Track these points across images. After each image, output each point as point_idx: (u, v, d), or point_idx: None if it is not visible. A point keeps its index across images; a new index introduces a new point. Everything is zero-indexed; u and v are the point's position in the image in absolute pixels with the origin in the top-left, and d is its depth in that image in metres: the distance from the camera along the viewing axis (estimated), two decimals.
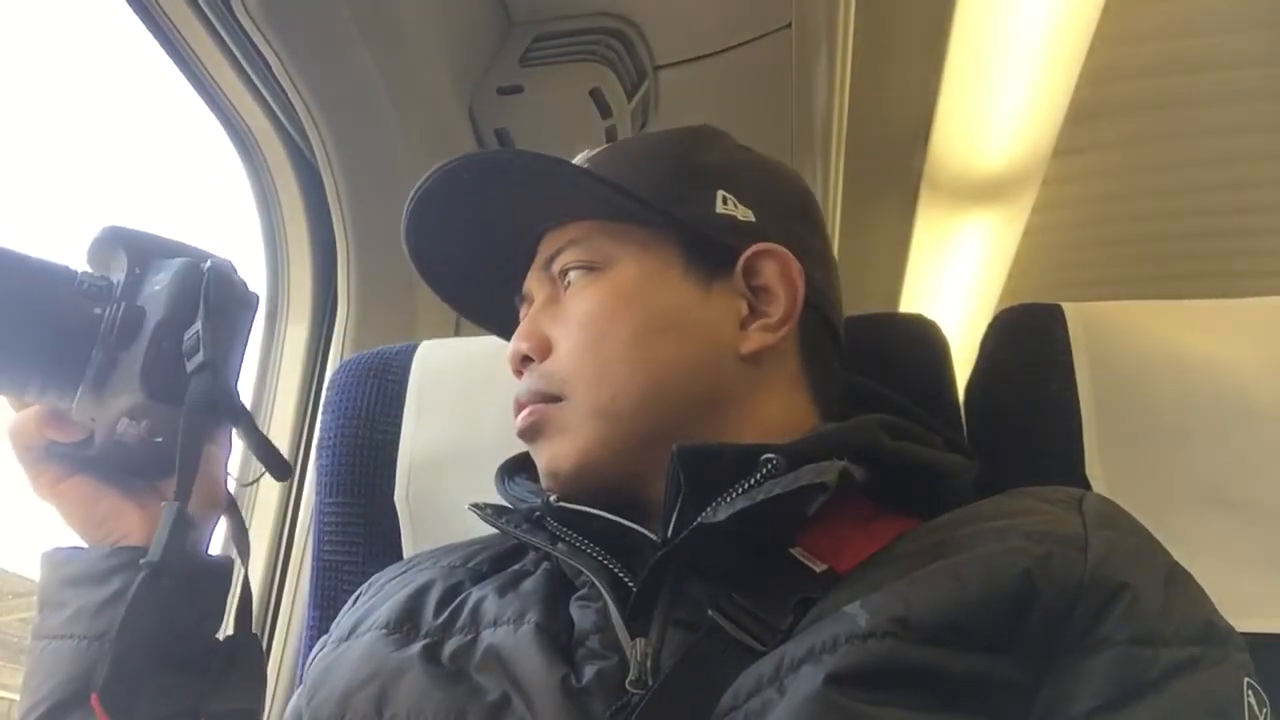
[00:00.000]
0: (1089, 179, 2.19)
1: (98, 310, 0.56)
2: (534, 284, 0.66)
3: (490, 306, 0.72)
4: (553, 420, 0.61)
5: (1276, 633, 0.65)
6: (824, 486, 0.52)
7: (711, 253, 0.63)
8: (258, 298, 0.62)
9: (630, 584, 0.55)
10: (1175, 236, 2.44)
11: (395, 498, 0.83)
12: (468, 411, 0.83)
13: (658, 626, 0.53)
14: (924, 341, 0.79)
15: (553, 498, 0.62)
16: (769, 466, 0.54)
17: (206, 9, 1.03)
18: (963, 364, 0.79)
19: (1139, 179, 2.21)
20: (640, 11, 1.28)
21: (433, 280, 0.70)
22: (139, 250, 0.59)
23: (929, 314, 0.81)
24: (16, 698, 0.59)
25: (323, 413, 0.87)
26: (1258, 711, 0.47)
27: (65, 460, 0.60)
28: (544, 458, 0.61)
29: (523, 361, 0.63)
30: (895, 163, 1.83)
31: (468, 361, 0.85)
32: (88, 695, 0.57)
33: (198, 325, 0.58)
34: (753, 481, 0.54)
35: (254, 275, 1.26)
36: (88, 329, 0.56)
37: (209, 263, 0.59)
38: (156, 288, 0.59)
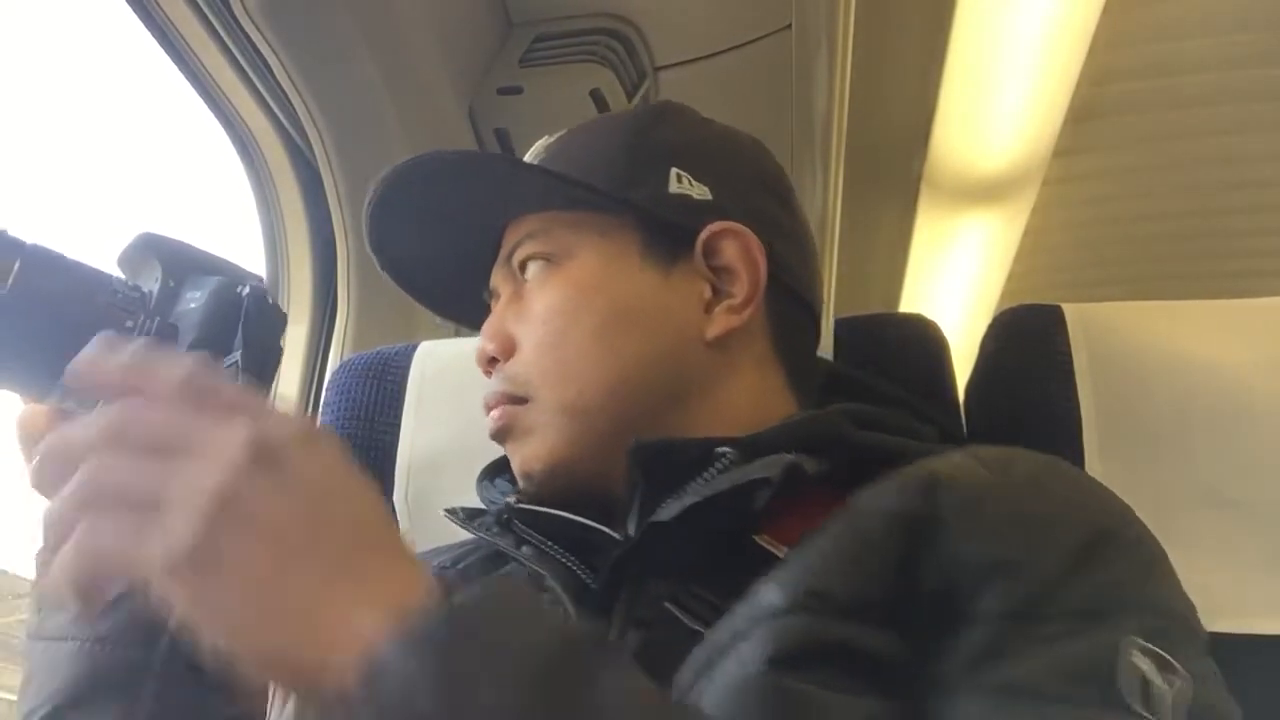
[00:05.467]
0: (1089, 179, 2.19)
1: (129, 323, 0.54)
2: (499, 279, 0.65)
3: (469, 305, 0.71)
4: (521, 421, 0.60)
5: (1276, 634, 0.65)
6: (768, 482, 0.51)
7: (669, 235, 0.61)
8: (286, 317, 0.61)
9: (592, 585, 0.55)
10: (1175, 236, 2.44)
11: (394, 498, 0.83)
12: (467, 412, 0.83)
13: (616, 627, 0.52)
14: (924, 341, 0.79)
15: (511, 499, 0.62)
16: (723, 460, 0.54)
17: (206, 9, 1.03)
18: (963, 364, 0.78)
19: (1139, 179, 2.21)
20: (640, 12, 1.28)
21: (409, 286, 0.70)
22: (175, 262, 0.58)
23: (929, 314, 0.81)
24: (16, 698, 0.59)
25: (322, 413, 0.87)
26: (1154, 678, 0.42)
27: None
28: (516, 459, 0.61)
29: (490, 362, 0.62)
30: (895, 163, 1.83)
31: (467, 362, 0.84)
32: (90, 698, 0.56)
33: (236, 355, 0.57)
34: (708, 476, 0.53)
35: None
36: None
37: (247, 288, 0.58)
38: (191, 305, 0.58)
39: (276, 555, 0.35)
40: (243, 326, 0.57)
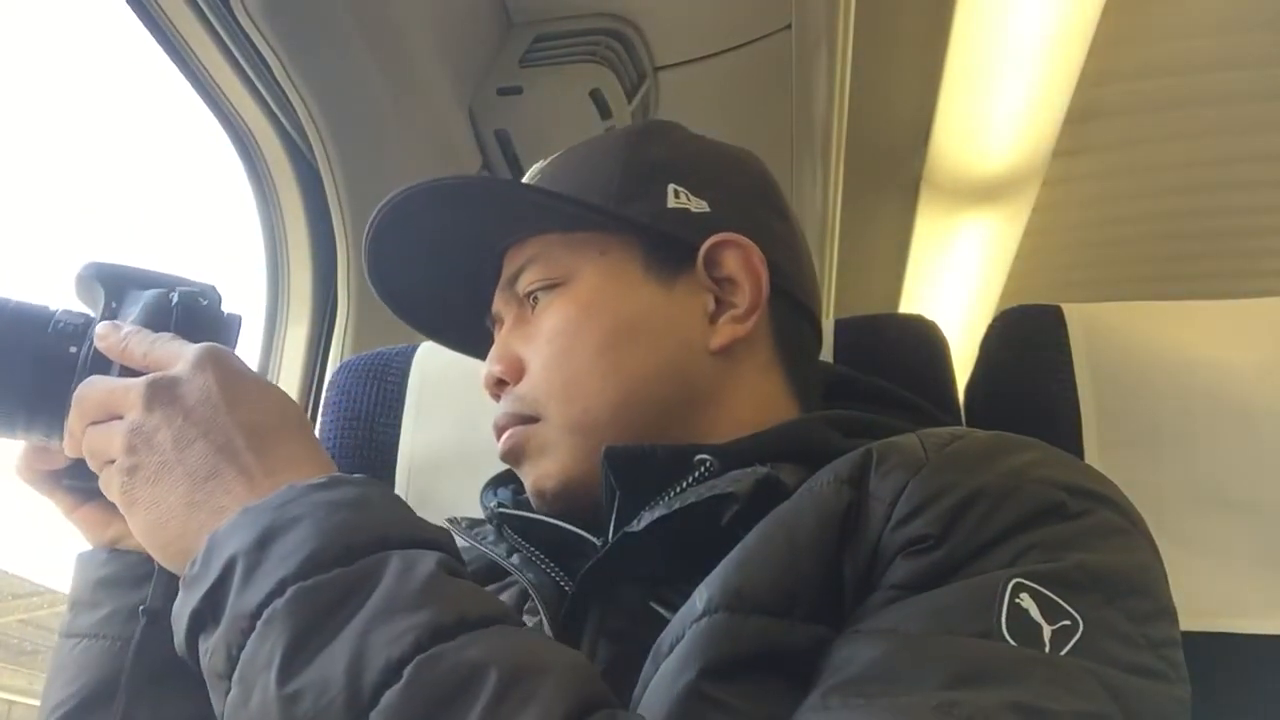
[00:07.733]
0: (1089, 180, 2.20)
1: (73, 349, 0.56)
2: (501, 305, 0.65)
3: (466, 331, 0.71)
4: (531, 441, 0.60)
5: (1276, 633, 0.65)
6: (734, 497, 0.51)
7: (669, 249, 0.62)
8: (239, 318, 0.61)
9: (570, 591, 0.55)
10: (1175, 237, 2.44)
11: None
12: (467, 413, 0.83)
13: (589, 639, 0.52)
14: (924, 342, 0.79)
15: (493, 504, 0.62)
16: (703, 468, 0.53)
17: (206, 9, 1.03)
18: (963, 364, 0.79)
19: (1139, 179, 2.22)
20: (640, 12, 1.28)
21: (406, 314, 0.70)
22: (115, 284, 0.59)
23: (929, 314, 0.81)
24: (16, 698, 0.59)
25: (322, 414, 0.87)
26: (1037, 618, 0.41)
27: (73, 490, 0.60)
28: (529, 479, 0.61)
29: (497, 385, 0.63)
30: (895, 163, 1.84)
31: (467, 363, 0.85)
32: (114, 695, 0.56)
33: None
34: (685, 484, 0.53)
35: (254, 276, 1.26)
36: (65, 368, 0.56)
37: (175, 293, 0.59)
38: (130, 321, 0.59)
39: (169, 473, 0.47)
40: (175, 331, 0.57)
